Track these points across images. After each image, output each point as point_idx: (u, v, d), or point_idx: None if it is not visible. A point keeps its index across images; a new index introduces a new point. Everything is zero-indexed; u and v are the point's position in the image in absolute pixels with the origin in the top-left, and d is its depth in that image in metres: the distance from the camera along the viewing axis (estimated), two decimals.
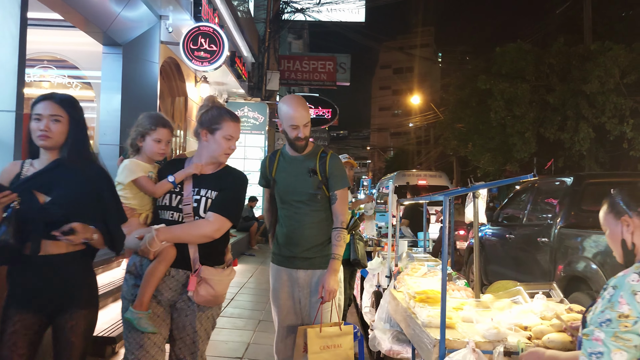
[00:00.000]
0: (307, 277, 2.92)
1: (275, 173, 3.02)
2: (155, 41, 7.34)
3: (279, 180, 3.00)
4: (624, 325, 1.53)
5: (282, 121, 2.89)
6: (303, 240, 2.90)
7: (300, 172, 2.93)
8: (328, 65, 19.91)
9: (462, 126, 20.26)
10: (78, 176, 2.17)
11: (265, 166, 3.12)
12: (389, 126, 63.93)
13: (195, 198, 2.40)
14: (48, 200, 2.11)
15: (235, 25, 10.40)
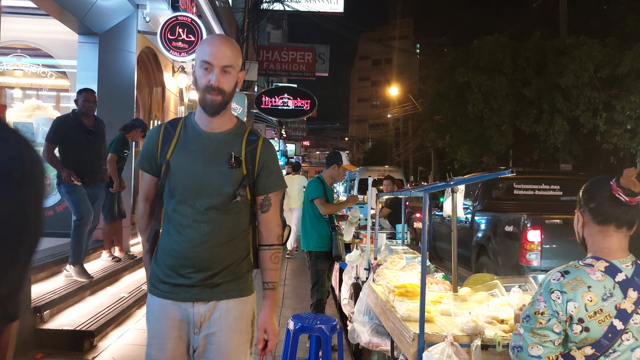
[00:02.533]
0: (208, 313, 1.90)
1: (170, 154, 1.92)
2: (133, 31, 7.21)
3: (176, 166, 1.91)
4: (539, 321, 1.58)
5: (195, 63, 1.91)
6: (208, 262, 1.89)
7: (214, 158, 1.91)
8: (307, 56, 19.84)
9: (440, 118, 20.41)
10: None
11: (155, 140, 1.98)
12: (367, 117, 64.13)
13: None
14: None
15: (213, 14, 10.27)
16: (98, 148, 5.32)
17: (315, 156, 64.11)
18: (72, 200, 4.97)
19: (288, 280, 7.70)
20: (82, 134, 5.09)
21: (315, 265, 4.58)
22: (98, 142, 5.30)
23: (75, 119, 5.12)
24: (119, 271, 6.12)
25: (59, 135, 5.01)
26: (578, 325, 1.55)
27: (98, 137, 5.28)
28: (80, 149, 5.06)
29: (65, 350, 4.07)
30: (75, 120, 5.11)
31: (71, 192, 4.97)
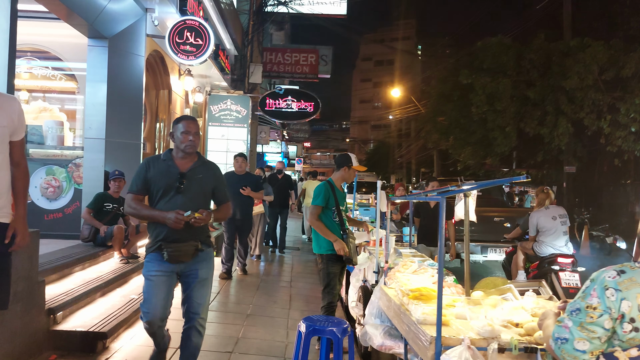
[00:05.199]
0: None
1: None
2: (141, 34, 7.26)
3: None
4: (590, 316, 1.61)
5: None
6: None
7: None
8: (310, 57, 19.87)
9: (444, 120, 20.47)
10: None
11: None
12: (369, 119, 64.14)
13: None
14: None
15: (219, 18, 10.32)
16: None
17: (317, 157, 64.11)
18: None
19: (295, 282, 7.74)
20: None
21: (327, 268, 4.61)
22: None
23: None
24: (128, 273, 6.16)
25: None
26: (629, 325, 1.57)
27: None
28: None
29: (79, 351, 4.12)
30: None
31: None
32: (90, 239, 6.30)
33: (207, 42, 7.69)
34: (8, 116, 2.79)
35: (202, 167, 3.34)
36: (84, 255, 5.85)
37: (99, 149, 6.90)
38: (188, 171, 3.25)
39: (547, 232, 6.05)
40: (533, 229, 6.17)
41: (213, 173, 3.42)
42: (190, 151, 3.27)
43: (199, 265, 3.30)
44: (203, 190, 3.32)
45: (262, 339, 4.91)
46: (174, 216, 3.06)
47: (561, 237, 6.04)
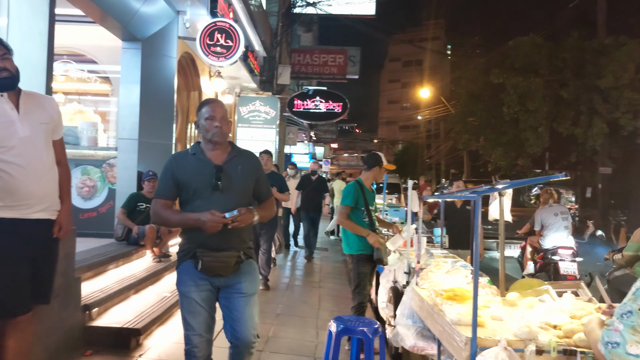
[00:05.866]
0: None
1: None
2: (173, 36, 7.38)
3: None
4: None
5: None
6: None
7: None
8: (339, 58, 19.91)
9: (474, 120, 20.19)
10: None
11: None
12: (397, 119, 63.71)
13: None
14: None
15: (248, 19, 10.42)
16: None
17: (344, 158, 63.98)
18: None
19: (324, 283, 7.74)
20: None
21: (357, 268, 4.59)
22: None
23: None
24: (160, 271, 6.26)
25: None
26: None
27: None
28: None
29: (113, 347, 4.20)
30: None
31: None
32: (124, 238, 6.42)
33: (237, 44, 7.76)
34: (48, 114, 2.88)
35: (239, 158, 2.80)
36: (117, 253, 5.96)
37: (132, 149, 7.03)
38: (224, 164, 2.72)
39: (550, 227, 6.95)
40: (538, 225, 7.10)
41: (252, 163, 2.86)
42: (219, 140, 2.72)
43: (242, 278, 2.74)
44: (244, 185, 2.78)
45: (292, 339, 4.92)
46: (210, 217, 2.53)
47: (562, 231, 6.90)
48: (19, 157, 2.69)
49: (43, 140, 2.82)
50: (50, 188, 2.86)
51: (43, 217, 2.83)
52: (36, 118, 2.81)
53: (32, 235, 2.79)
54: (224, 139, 2.76)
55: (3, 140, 2.66)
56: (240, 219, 2.58)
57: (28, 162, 2.72)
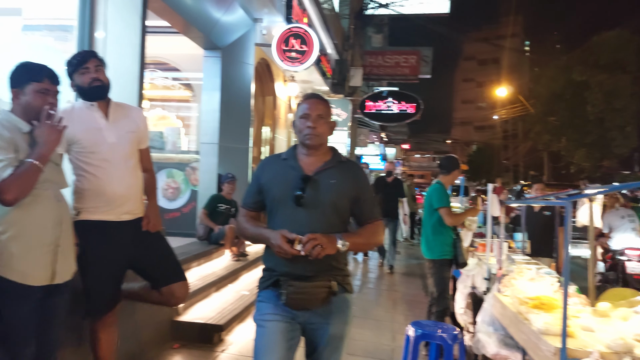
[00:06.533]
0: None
1: None
2: (251, 44, 7.63)
3: None
4: None
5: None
6: None
7: None
8: (411, 59, 19.65)
9: (555, 120, 19.28)
10: None
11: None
12: (472, 119, 62.01)
13: None
14: None
15: (322, 23, 10.55)
16: None
17: (415, 159, 63.00)
18: None
19: (398, 287, 7.69)
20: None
21: (441, 273, 4.53)
22: None
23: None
24: (238, 270, 6.49)
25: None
26: None
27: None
28: None
29: (198, 342, 4.41)
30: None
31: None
32: (205, 237, 6.71)
33: (312, 49, 7.89)
34: (135, 124, 3.06)
35: (336, 169, 2.29)
36: (199, 252, 6.24)
37: (213, 153, 7.34)
38: (315, 173, 2.24)
39: (617, 230, 7.37)
40: (606, 227, 7.48)
41: (353, 176, 2.32)
42: (311, 143, 2.27)
43: (331, 318, 2.24)
44: (336, 202, 2.24)
45: (368, 341, 4.94)
46: (278, 240, 2.07)
47: (629, 233, 7.28)
48: (106, 161, 2.87)
49: (128, 147, 2.98)
50: (134, 192, 3.02)
51: (129, 219, 2.99)
52: (123, 126, 2.99)
53: (122, 237, 2.95)
54: (319, 143, 2.29)
55: (92, 146, 2.86)
56: (314, 251, 2.02)
57: (114, 167, 2.89)
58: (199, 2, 6.23)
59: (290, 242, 2.05)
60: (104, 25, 4.21)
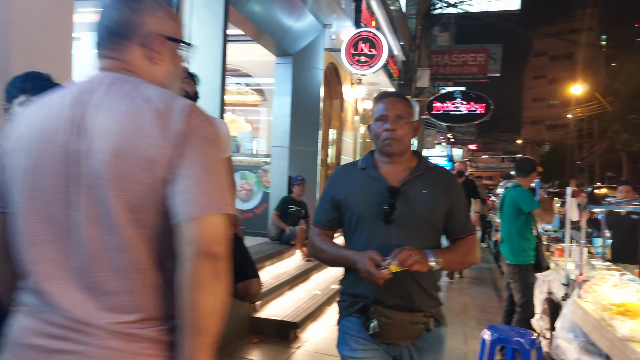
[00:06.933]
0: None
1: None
2: (320, 49, 7.81)
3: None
4: None
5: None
6: None
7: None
8: (479, 57, 19.21)
9: (635, 118, 18.26)
10: None
11: None
12: (543, 118, 59.60)
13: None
14: None
15: (389, 26, 10.61)
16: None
17: (483, 160, 61.28)
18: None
19: (468, 291, 7.60)
20: None
21: (526, 279, 4.45)
22: None
23: None
24: (309, 270, 6.66)
25: None
26: None
27: None
28: None
29: (275, 337, 4.61)
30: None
31: None
32: (277, 238, 6.94)
33: (381, 52, 7.97)
34: None
35: (426, 177, 1.97)
36: (272, 252, 6.47)
37: (284, 156, 7.58)
38: (403, 185, 1.92)
39: None
40: None
41: (445, 184, 1.98)
42: (391, 150, 1.95)
43: (424, 355, 1.93)
44: (430, 217, 1.92)
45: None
46: (366, 265, 1.75)
47: None
48: None
49: None
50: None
51: None
52: None
53: None
54: (400, 149, 1.96)
55: None
56: (408, 260, 1.72)
57: None
58: (272, 11, 6.46)
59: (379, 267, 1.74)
60: (188, 36, 4.49)
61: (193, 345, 1.08)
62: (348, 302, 1.98)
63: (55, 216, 1.11)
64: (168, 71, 1.27)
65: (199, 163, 1.10)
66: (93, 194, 1.09)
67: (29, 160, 1.13)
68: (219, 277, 1.08)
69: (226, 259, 1.09)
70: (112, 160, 1.07)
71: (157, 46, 1.23)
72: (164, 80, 1.26)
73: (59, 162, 1.11)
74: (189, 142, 1.10)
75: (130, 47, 1.21)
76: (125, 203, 1.08)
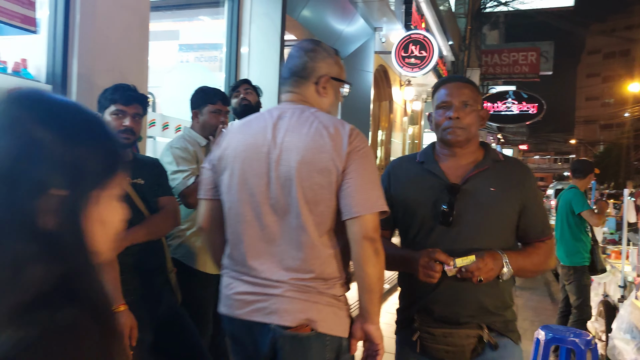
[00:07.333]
0: None
1: None
2: (370, 52, 7.93)
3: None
4: None
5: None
6: None
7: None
8: (530, 56, 18.79)
9: None
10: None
11: None
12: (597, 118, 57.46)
13: None
14: None
15: (438, 27, 10.59)
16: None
17: (534, 161, 59.57)
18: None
19: (520, 292, 7.54)
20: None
21: (581, 281, 4.45)
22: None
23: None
24: None
25: None
26: None
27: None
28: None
29: None
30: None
31: None
32: None
33: (431, 54, 8.00)
34: None
35: (493, 172, 1.72)
36: None
37: None
38: (465, 181, 1.70)
39: None
40: None
41: (517, 179, 1.73)
42: (455, 138, 1.72)
43: None
44: (497, 218, 1.69)
45: None
46: (423, 262, 1.61)
47: None
48: None
49: None
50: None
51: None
52: None
53: None
54: (465, 138, 1.73)
55: None
56: (477, 269, 1.55)
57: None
58: (325, 17, 6.64)
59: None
60: (248, 44, 4.72)
61: (366, 299, 1.54)
62: (400, 311, 1.86)
63: (257, 203, 1.57)
64: (331, 102, 1.77)
65: (360, 174, 1.53)
66: (284, 190, 1.54)
67: (239, 164, 1.60)
68: (378, 254, 1.51)
69: (380, 241, 1.53)
70: (299, 167, 1.52)
71: (325, 84, 1.72)
72: (327, 108, 1.74)
73: (261, 166, 1.57)
74: (352, 158, 1.53)
75: (307, 84, 1.70)
76: (305, 197, 1.52)
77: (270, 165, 1.55)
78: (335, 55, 1.76)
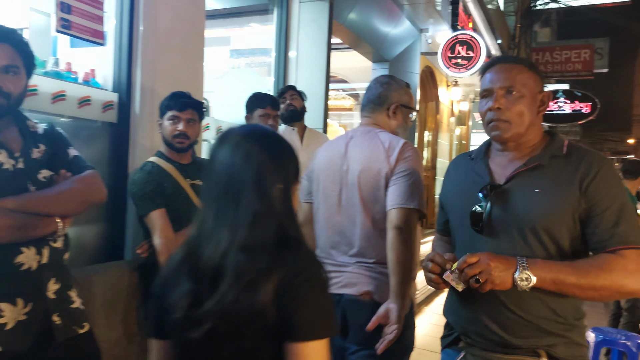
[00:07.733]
0: None
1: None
2: (416, 53, 7.95)
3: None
4: None
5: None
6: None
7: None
8: (584, 53, 18.16)
9: None
10: None
11: None
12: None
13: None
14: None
15: (486, 25, 10.44)
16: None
17: None
18: None
19: None
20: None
21: None
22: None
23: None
24: None
25: None
26: None
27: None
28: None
29: None
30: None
31: None
32: None
33: (479, 54, 7.94)
34: None
35: (545, 170, 1.42)
36: None
37: None
38: (509, 180, 1.45)
39: None
40: None
41: (580, 175, 1.37)
42: (500, 136, 1.46)
43: None
44: (539, 224, 1.37)
45: None
46: (429, 267, 1.42)
47: None
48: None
49: None
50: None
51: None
52: (312, 150, 3.51)
53: None
54: (514, 133, 1.45)
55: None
56: (464, 264, 1.31)
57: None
58: (371, 20, 6.72)
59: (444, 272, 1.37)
60: (296, 48, 4.88)
61: (395, 282, 1.84)
62: (445, 330, 1.63)
63: (333, 204, 2.06)
64: (398, 124, 2.11)
65: (402, 178, 1.91)
66: (350, 192, 2.01)
67: (322, 175, 2.10)
68: (406, 242, 1.84)
69: (410, 233, 1.85)
70: (360, 174, 1.98)
71: (395, 110, 2.10)
72: (395, 130, 2.10)
73: (336, 175, 2.06)
74: (399, 165, 1.92)
75: (380, 110, 2.11)
76: (364, 198, 1.97)
77: (341, 174, 2.03)
78: (405, 87, 2.15)
